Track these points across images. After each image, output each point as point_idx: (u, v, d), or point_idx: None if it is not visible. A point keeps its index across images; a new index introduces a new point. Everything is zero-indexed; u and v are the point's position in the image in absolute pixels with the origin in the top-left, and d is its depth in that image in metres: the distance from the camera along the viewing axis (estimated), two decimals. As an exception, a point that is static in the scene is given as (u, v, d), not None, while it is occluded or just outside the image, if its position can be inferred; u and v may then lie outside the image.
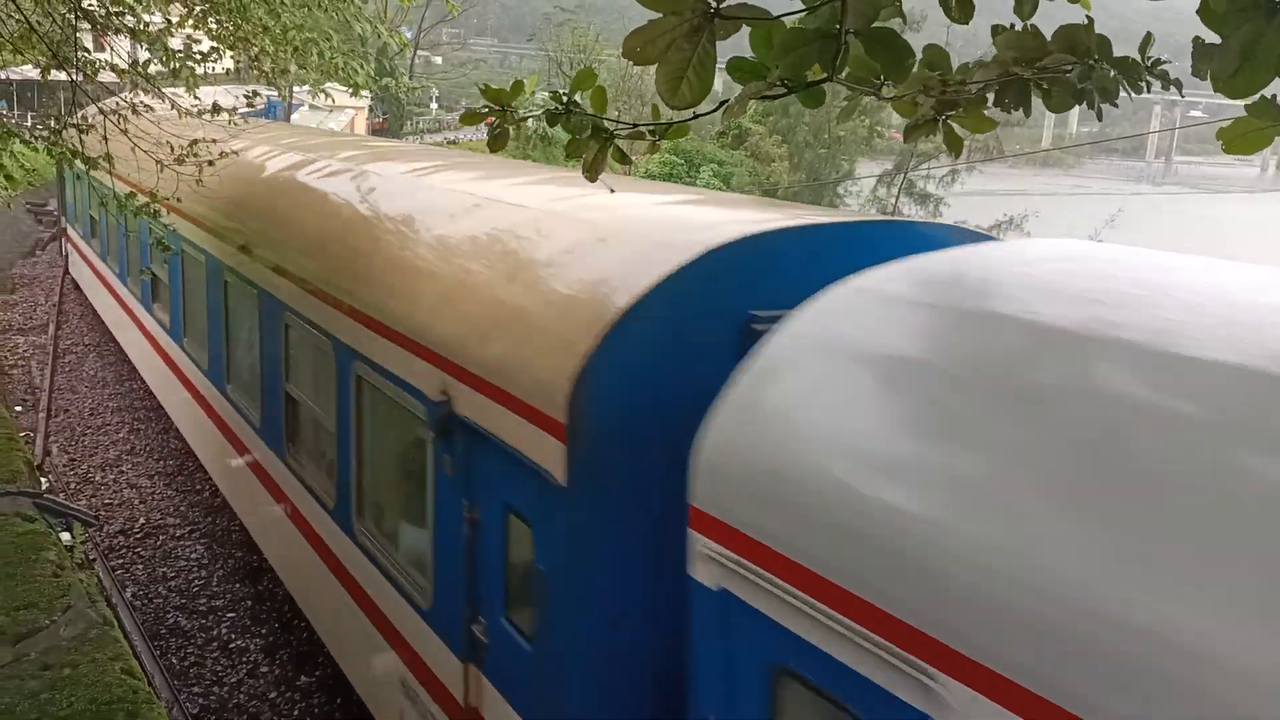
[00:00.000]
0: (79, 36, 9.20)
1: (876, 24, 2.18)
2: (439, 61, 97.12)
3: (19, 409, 14.57)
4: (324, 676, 8.33)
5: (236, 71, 12.89)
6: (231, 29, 9.17)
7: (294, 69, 9.44)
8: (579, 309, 4.56)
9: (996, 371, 3.25)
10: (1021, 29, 2.69)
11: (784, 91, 2.36)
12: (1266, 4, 1.88)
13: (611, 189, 5.42)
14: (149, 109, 9.36)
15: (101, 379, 16.58)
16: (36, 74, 9.91)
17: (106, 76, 9.66)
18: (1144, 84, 2.74)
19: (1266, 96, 2.18)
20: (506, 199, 6.38)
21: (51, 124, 9.74)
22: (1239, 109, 2.37)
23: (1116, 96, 2.71)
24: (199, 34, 9.68)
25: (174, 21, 9.67)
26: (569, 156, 2.86)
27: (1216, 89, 1.99)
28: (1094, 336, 3.14)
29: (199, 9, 9.38)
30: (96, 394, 15.85)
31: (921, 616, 2.83)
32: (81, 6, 9.01)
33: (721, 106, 2.57)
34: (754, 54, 2.32)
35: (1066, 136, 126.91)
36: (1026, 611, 2.60)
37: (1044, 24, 2.67)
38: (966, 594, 2.74)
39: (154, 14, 9.87)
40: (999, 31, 2.71)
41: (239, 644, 8.94)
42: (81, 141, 9.10)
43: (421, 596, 5.65)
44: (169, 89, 10.05)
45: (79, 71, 8.92)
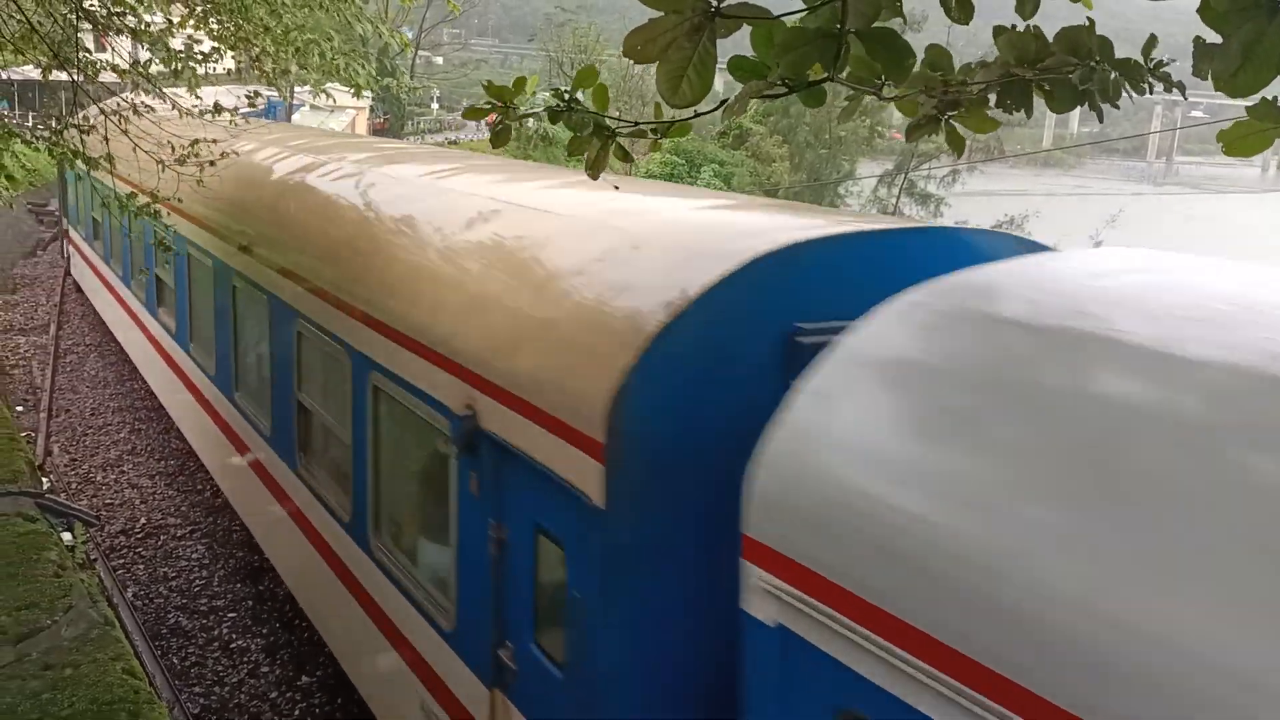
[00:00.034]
0: (80, 37, 9.21)
1: (877, 24, 2.18)
2: (440, 62, 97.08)
3: (20, 409, 14.58)
4: (324, 676, 8.34)
5: (238, 72, 12.90)
6: (233, 29, 9.17)
7: (295, 69, 9.42)
8: (615, 321, 4.35)
9: (1091, 397, 2.98)
10: (1023, 29, 2.69)
11: (785, 91, 2.36)
12: (1268, 3, 1.88)
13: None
14: (150, 109, 9.36)
15: (103, 379, 16.59)
16: (38, 74, 9.91)
17: (108, 77, 9.66)
18: (1146, 86, 2.74)
19: (1267, 98, 2.18)
20: (530, 203, 6.19)
21: (53, 124, 9.75)
22: (1240, 109, 2.37)
23: (1119, 98, 2.71)
24: (200, 34, 9.67)
25: (175, 22, 9.67)
26: (571, 154, 2.87)
27: (1218, 88, 1.99)
28: (1200, 361, 2.89)
29: (200, 9, 9.38)
30: (97, 394, 15.87)
31: (1005, 662, 2.63)
32: (83, 7, 9.01)
33: (722, 106, 2.58)
34: (755, 53, 2.32)
35: (1067, 136, 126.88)
36: (1129, 663, 2.38)
37: (1045, 24, 2.67)
38: (1057, 640, 2.52)
39: (155, 14, 9.88)
40: (1001, 32, 2.71)
41: (240, 644, 8.95)
42: (83, 142, 9.11)
43: (444, 618, 5.45)
44: (170, 89, 10.06)
45: (80, 72, 8.93)
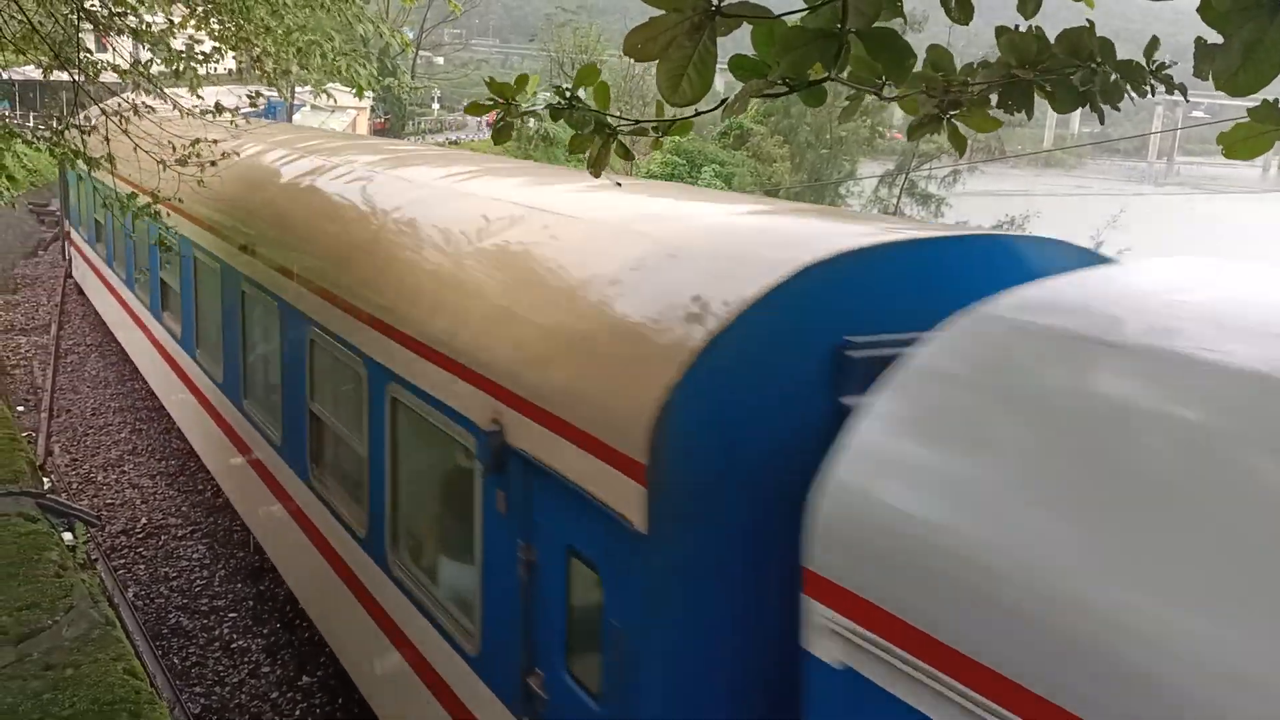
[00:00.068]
0: (81, 37, 9.21)
1: (878, 24, 2.18)
2: (441, 62, 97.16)
3: (21, 409, 14.58)
4: (325, 677, 8.34)
5: (239, 72, 12.90)
6: (234, 29, 9.17)
7: (296, 70, 9.41)
8: (656, 334, 4.13)
9: (1206, 430, 2.77)
10: (1025, 30, 2.69)
11: (785, 90, 2.36)
12: (1269, 2, 1.88)
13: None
14: (151, 110, 9.36)
15: (103, 379, 16.60)
16: (39, 74, 9.92)
17: (108, 77, 9.67)
18: (1148, 88, 2.74)
19: (1269, 100, 2.18)
20: (555, 208, 5.94)
21: (53, 124, 9.76)
22: (1241, 109, 2.37)
23: (1120, 100, 2.71)
24: (201, 34, 9.67)
25: (176, 22, 9.67)
26: (572, 152, 2.88)
27: (1219, 87, 1.99)
28: None
29: (201, 9, 9.39)
30: (98, 394, 15.87)
31: (1103, 715, 2.45)
32: (84, 7, 9.02)
33: (723, 105, 2.58)
34: (755, 52, 2.32)
35: (1068, 137, 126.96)
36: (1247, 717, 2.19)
37: (1046, 23, 2.67)
38: (1165, 694, 2.34)
39: (156, 15, 9.88)
40: (1004, 33, 2.71)
41: (241, 644, 8.95)
42: (83, 142, 9.11)
43: (467, 641, 5.22)
44: (170, 89, 10.06)
45: (81, 72, 8.93)
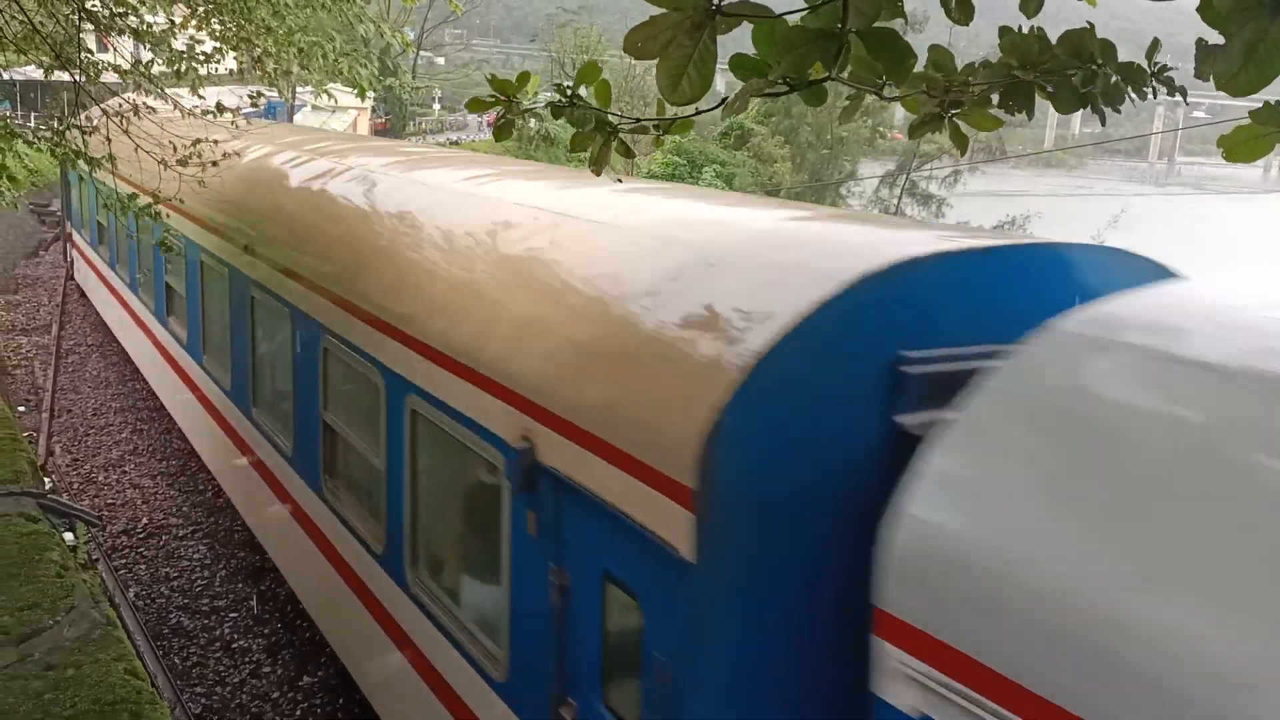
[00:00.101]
0: (82, 37, 9.22)
1: (878, 24, 2.18)
2: (441, 62, 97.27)
3: (22, 409, 14.59)
4: (326, 677, 8.35)
5: (240, 72, 12.91)
6: (235, 30, 9.17)
7: (297, 70, 9.42)
8: (701, 348, 3.92)
9: None
10: (1027, 30, 2.69)
11: (786, 89, 2.36)
12: (1270, 2, 1.88)
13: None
14: (152, 110, 9.37)
15: (104, 379, 16.61)
16: (40, 74, 9.93)
17: (109, 77, 9.67)
18: (1149, 90, 2.74)
19: (1270, 102, 2.18)
20: (584, 214, 5.68)
21: (54, 124, 9.77)
22: (1242, 110, 2.37)
23: (1121, 101, 2.71)
24: (202, 34, 9.68)
25: (177, 22, 9.68)
26: (573, 150, 2.88)
27: (1219, 88, 1.99)
28: None
29: (202, 10, 9.39)
30: (99, 394, 15.88)
31: None
32: (85, 7, 9.02)
33: (723, 104, 2.59)
34: (756, 51, 2.32)
35: (1069, 137, 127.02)
36: None
37: (1047, 23, 2.67)
38: None
39: (158, 15, 9.88)
40: (1006, 33, 2.71)
41: (241, 644, 8.95)
42: (84, 142, 9.11)
43: (494, 666, 5.01)
44: (171, 89, 10.06)
45: (82, 72, 8.94)
